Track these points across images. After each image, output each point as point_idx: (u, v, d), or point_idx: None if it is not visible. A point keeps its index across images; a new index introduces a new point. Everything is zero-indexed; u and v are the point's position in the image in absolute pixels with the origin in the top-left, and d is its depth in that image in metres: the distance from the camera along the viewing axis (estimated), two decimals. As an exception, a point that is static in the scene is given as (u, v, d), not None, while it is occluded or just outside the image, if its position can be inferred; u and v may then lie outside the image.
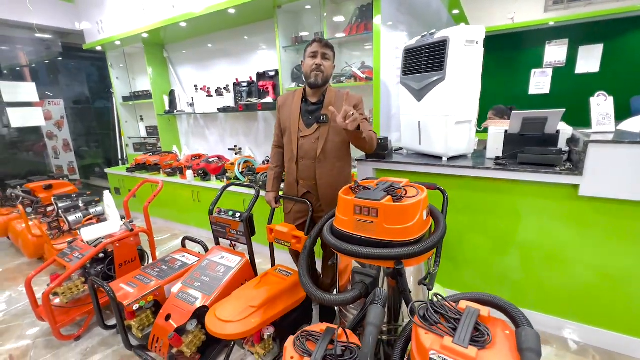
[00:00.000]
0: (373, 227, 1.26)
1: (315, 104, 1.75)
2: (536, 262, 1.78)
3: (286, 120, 1.81)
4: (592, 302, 1.67)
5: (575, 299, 1.71)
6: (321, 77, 1.67)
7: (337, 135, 1.71)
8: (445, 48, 1.73)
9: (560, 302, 1.76)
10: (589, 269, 1.63)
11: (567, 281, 1.71)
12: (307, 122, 1.75)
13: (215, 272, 1.84)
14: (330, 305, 1.43)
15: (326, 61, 1.68)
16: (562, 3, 4.11)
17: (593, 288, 1.65)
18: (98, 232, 2.09)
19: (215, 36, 3.39)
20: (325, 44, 1.67)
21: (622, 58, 3.80)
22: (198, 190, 3.19)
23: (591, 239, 1.59)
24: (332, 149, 1.72)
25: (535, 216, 1.72)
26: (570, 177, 1.52)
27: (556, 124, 1.67)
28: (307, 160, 1.75)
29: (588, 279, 1.64)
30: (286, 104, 1.83)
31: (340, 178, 1.77)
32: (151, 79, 3.75)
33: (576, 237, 1.62)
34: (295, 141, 1.76)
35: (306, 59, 1.70)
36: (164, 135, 3.96)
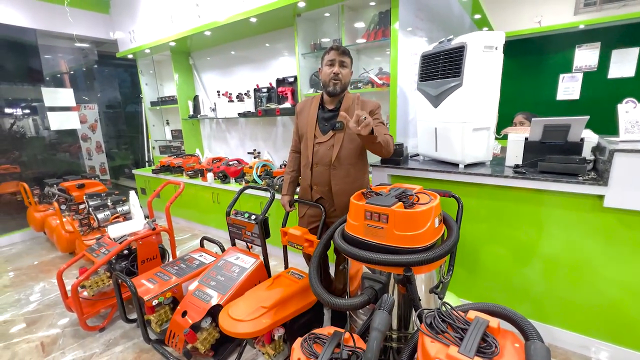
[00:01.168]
0: (383, 232, 1.27)
1: (331, 111, 1.76)
2: (558, 275, 1.70)
3: (303, 127, 1.84)
4: (619, 320, 1.57)
5: (602, 316, 1.62)
6: (339, 85, 1.69)
7: (351, 142, 1.71)
8: (463, 54, 1.71)
9: (585, 319, 1.67)
10: (616, 284, 1.54)
11: (592, 297, 1.62)
12: (323, 129, 1.77)
13: (230, 272, 1.89)
14: (339, 310, 1.44)
15: (344, 69, 1.68)
16: (594, 5, 3.93)
17: (620, 305, 1.56)
18: (123, 229, 2.20)
19: (238, 44, 3.52)
20: (342, 52, 1.67)
21: (660, 62, 3.57)
22: (218, 192, 3.29)
23: (617, 253, 1.50)
24: (347, 155, 1.71)
25: (557, 227, 1.65)
26: (595, 187, 1.45)
27: (580, 132, 1.60)
28: (322, 166, 1.76)
29: (615, 295, 1.56)
30: (304, 110, 1.86)
31: (355, 185, 1.76)
32: (177, 85, 3.93)
33: (601, 250, 1.54)
34: (310, 147, 1.78)
35: (324, 67, 1.71)
36: (187, 139, 4.13)
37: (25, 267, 3.13)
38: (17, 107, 4.12)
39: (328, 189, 1.79)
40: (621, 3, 3.81)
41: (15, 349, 2.01)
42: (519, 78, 4.25)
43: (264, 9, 2.50)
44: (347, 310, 1.36)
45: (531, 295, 1.81)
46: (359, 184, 1.79)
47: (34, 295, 2.59)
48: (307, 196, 1.89)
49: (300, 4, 2.36)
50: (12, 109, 4.08)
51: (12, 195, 3.93)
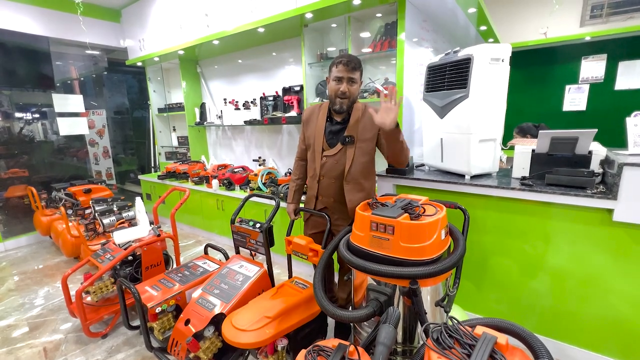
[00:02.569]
0: (389, 244, 1.26)
1: (339, 123, 1.73)
2: (566, 289, 1.67)
3: (310, 137, 1.82)
4: (630, 336, 1.54)
5: (612, 333, 1.58)
6: (346, 104, 1.65)
7: (363, 155, 1.69)
8: (469, 66, 1.72)
9: (595, 335, 1.63)
10: (625, 299, 1.51)
11: (601, 312, 1.59)
12: (331, 142, 1.74)
13: (234, 280, 1.89)
14: (343, 321, 1.42)
15: (352, 85, 1.62)
16: (601, 17, 3.94)
17: (631, 321, 1.52)
18: (129, 235, 2.21)
19: (245, 52, 3.57)
20: (353, 68, 1.59)
21: (668, 74, 3.56)
22: (222, 199, 3.31)
23: (627, 268, 1.48)
24: (359, 169, 1.70)
25: (565, 240, 1.63)
26: (604, 201, 1.44)
27: (588, 145, 1.59)
28: (328, 179, 1.76)
29: (624, 310, 1.52)
30: (311, 119, 1.83)
31: (368, 197, 1.72)
32: (185, 92, 3.99)
33: (610, 265, 1.52)
34: (318, 160, 1.77)
35: (331, 80, 1.66)
36: (193, 145, 4.17)
37: (31, 271, 3.15)
38: (27, 112, 4.20)
39: (333, 201, 1.80)
40: (627, 15, 3.82)
41: (18, 354, 2.01)
42: (525, 89, 4.25)
43: (272, 20, 2.54)
44: (351, 322, 1.34)
45: (538, 309, 1.78)
46: (366, 193, 1.77)
47: (38, 300, 2.60)
48: (311, 205, 1.89)
49: (307, 15, 2.40)
50: (22, 114, 4.16)
51: (19, 198, 3.97)
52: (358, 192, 1.72)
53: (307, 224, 1.99)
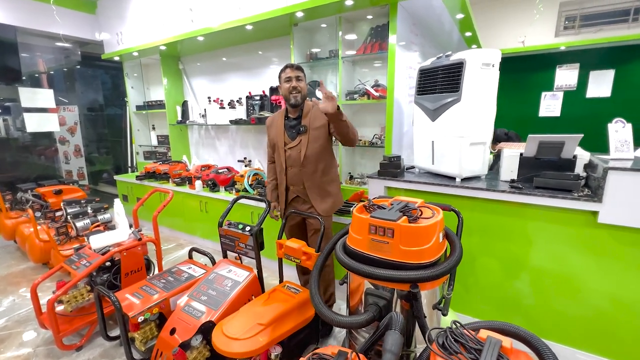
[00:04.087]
0: (388, 247, 1.24)
1: (295, 119, 1.98)
2: (550, 289, 1.72)
3: (274, 138, 2.03)
4: (607, 333, 1.60)
5: (591, 329, 1.65)
6: (300, 96, 1.91)
7: (315, 141, 1.91)
8: (462, 70, 1.74)
9: (575, 332, 1.69)
10: (606, 297, 1.58)
11: (583, 310, 1.65)
12: (291, 136, 1.97)
13: (222, 286, 1.81)
14: (342, 328, 1.39)
15: (300, 82, 1.91)
16: (573, 28, 4.16)
17: (609, 318, 1.59)
18: (106, 240, 2.08)
19: (230, 50, 3.47)
20: (296, 68, 1.91)
21: (633, 84, 3.80)
22: (206, 200, 3.19)
23: (609, 268, 1.54)
24: (313, 153, 1.91)
25: (551, 241, 1.68)
26: (590, 203, 1.49)
27: (573, 149, 1.65)
28: (295, 168, 1.96)
29: (604, 308, 1.59)
30: (273, 123, 2.06)
31: (324, 178, 1.98)
32: (166, 89, 3.83)
33: (593, 265, 1.58)
34: (282, 154, 1.98)
35: (282, 83, 1.93)
36: (174, 145, 4.00)
37: (-8, 278, 2.90)
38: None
39: (302, 187, 1.97)
40: (597, 28, 4.05)
41: (-20, 371, 1.83)
42: (504, 95, 4.39)
43: (262, 17, 2.48)
44: (351, 328, 1.31)
45: (523, 308, 1.82)
46: (329, 177, 2.00)
47: (2, 311, 2.38)
48: (282, 198, 2.06)
49: (298, 14, 2.36)
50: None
51: (-21, 200, 3.66)
52: (312, 173, 1.94)
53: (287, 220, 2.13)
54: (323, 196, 1.97)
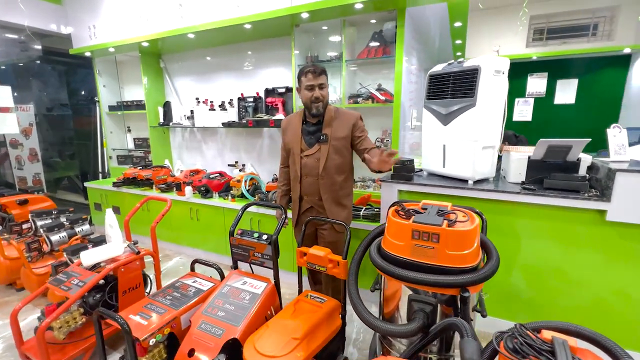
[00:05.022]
0: (433, 252, 1.24)
1: (315, 125, 1.85)
2: (560, 285, 1.83)
3: (290, 142, 1.91)
4: (615, 327, 1.73)
5: (600, 324, 1.77)
6: (321, 107, 1.79)
7: (336, 153, 1.81)
8: (477, 76, 1.80)
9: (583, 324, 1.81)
10: (614, 292, 1.70)
11: (591, 305, 1.77)
12: (309, 142, 1.85)
13: (239, 299, 1.70)
14: (393, 336, 1.36)
15: (323, 89, 1.77)
16: (541, 40, 4.52)
17: (617, 313, 1.72)
18: (99, 255, 1.87)
19: (220, 50, 3.31)
20: (319, 74, 1.75)
21: (594, 93, 4.21)
22: (197, 208, 3.00)
23: (617, 263, 1.67)
24: (333, 165, 1.81)
25: (560, 239, 1.78)
26: (599, 202, 1.60)
27: (578, 152, 1.77)
28: (310, 177, 1.85)
29: (612, 302, 1.71)
30: (290, 126, 1.93)
31: (341, 192, 1.88)
32: (146, 88, 3.56)
33: (602, 261, 1.70)
34: (298, 161, 1.86)
35: (303, 90, 1.79)
36: (155, 148, 3.73)
37: (-56, 305, 2.48)
38: None
39: (318, 198, 1.87)
40: (562, 40, 4.44)
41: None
42: (481, 100, 4.67)
43: (263, 17, 2.39)
44: (402, 338, 1.28)
45: (533, 306, 1.91)
46: (346, 191, 1.91)
47: (-36, 342, 2.05)
48: (296, 207, 1.96)
49: (303, 15, 2.31)
50: None
51: None
52: (330, 186, 1.83)
53: (297, 228, 2.03)
54: (339, 209, 1.88)
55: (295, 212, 1.96)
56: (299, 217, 1.96)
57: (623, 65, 4.04)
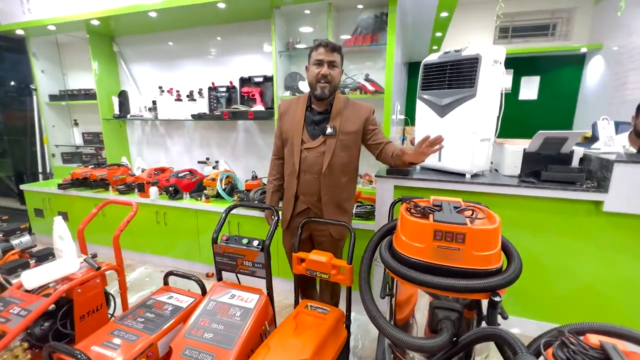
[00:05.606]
0: (459, 254, 1.12)
1: (321, 113, 1.60)
2: (557, 275, 1.84)
3: (288, 130, 1.64)
4: (606, 312, 1.78)
5: (591, 310, 1.81)
6: (328, 89, 1.52)
7: (344, 149, 1.58)
8: (477, 65, 1.73)
9: (580, 314, 1.84)
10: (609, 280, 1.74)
11: (587, 294, 1.80)
12: (312, 133, 1.60)
13: (228, 316, 1.47)
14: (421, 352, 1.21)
15: (334, 69, 1.52)
16: (506, 38, 4.71)
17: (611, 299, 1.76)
18: (48, 274, 1.52)
19: (187, 33, 2.96)
20: (332, 49, 1.50)
21: (554, 89, 4.48)
22: (165, 210, 2.66)
23: (613, 251, 1.70)
24: (339, 163, 1.58)
25: (556, 231, 1.79)
26: (596, 193, 1.61)
27: (573, 144, 1.78)
28: (310, 174, 1.60)
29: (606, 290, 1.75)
30: (289, 111, 1.66)
31: (343, 194, 1.66)
32: (96, 75, 3.08)
33: (598, 252, 1.72)
34: (297, 153, 1.60)
35: (311, 66, 1.55)
36: (110, 144, 3.27)
37: None
38: None
39: (317, 199, 1.64)
40: (525, 39, 4.66)
41: None
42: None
43: (240, -6, 2.13)
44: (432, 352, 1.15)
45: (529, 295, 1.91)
46: (349, 193, 1.70)
47: None
48: (289, 207, 1.69)
49: (287, -6, 2.09)
50: None
51: None
52: (333, 187, 1.61)
53: (287, 233, 1.78)
54: (339, 213, 1.65)
55: (288, 213, 1.70)
56: (291, 219, 1.71)
57: (579, 64, 4.33)
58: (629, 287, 1.71)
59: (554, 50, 4.34)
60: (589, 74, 4.23)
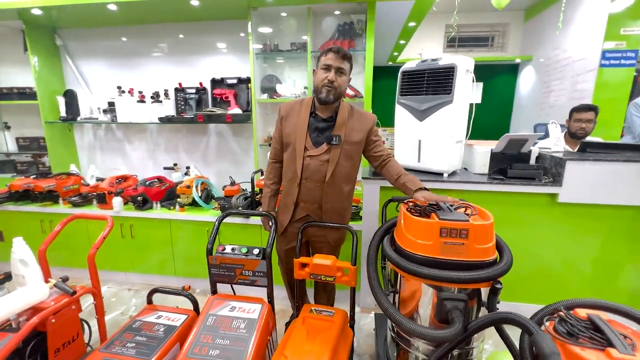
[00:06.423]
0: (464, 249, 1.23)
1: (326, 121, 1.58)
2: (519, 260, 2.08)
3: (290, 135, 1.60)
4: (562, 288, 2.07)
5: (549, 287, 2.09)
6: (333, 94, 1.50)
7: (348, 159, 1.58)
8: (453, 74, 1.89)
9: (539, 292, 2.11)
10: (563, 260, 2.02)
11: (545, 273, 2.07)
12: (316, 140, 1.57)
13: (233, 329, 1.42)
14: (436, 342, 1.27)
15: (341, 76, 1.51)
16: (453, 47, 5.16)
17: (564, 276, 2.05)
18: (14, 305, 1.30)
19: (148, 29, 2.73)
20: (342, 56, 1.49)
21: (494, 95, 5.03)
22: (132, 222, 2.43)
23: (566, 238, 1.98)
24: (342, 173, 1.59)
25: (519, 222, 2.03)
26: (553, 187, 1.87)
27: (531, 145, 2.04)
28: (312, 182, 1.58)
29: (560, 269, 2.04)
30: (291, 115, 1.62)
31: (345, 203, 1.69)
32: (36, 72, 2.69)
33: (553, 237, 2.00)
34: (300, 160, 1.56)
35: (319, 69, 1.53)
36: (54, 151, 2.87)
37: None
38: None
39: (318, 207, 1.63)
40: (469, 48, 5.16)
41: None
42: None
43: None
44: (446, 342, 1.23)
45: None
46: (349, 202, 1.72)
47: None
48: (287, 213, 1.66)
49: (267, -4, 2.06)
50: None
51: None
52: (337, 195, 1.62)
53: (282, 239, 1.75)
54: (339, 221, 1.66)
55: (286, 219, 1.66)
56: (289, 225, 1.67)
57: (514, 73, 4.93)
58: (579, 265, 2.01)
59: (493, 60, 4.88)
60: (522, 82, 4.84)
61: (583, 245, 1.99)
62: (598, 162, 1.81)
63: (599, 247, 1.98)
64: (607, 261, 1.99)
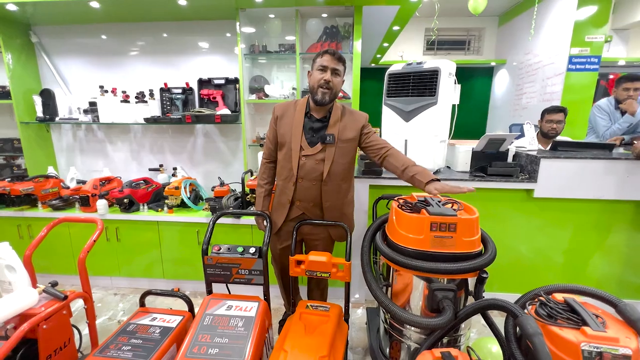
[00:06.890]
0: (452, 242, 1.31)
1: (320, 121, 1.62)
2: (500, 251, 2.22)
3: (285, 135, 1.62)
4: (537, 277, 2.22)
5: (525, 277, 2.23)
6: (329, 95, 1.55)
7: (343, 157, 1.62)
8: (437, 77, 1.99)
9: (516, 282, 2.25)
10: (536, 250, 2.17)
11: (520, 263, 2.21)
12: (310, 140, 1.61)
13: (231, 327, 1.43)
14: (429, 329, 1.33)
15: (336, 77, 1.55)
16: (433, 50, 5.34)
17: (538, 265, 2.20)
18: (2, 312, 1.26)
19: (129, 27, 2.67)
20: (338, 58, 1.54)
21: (471, 96, 5.26)
22: (117, 225, 2.37)
23: (539, 230, 2.13)
24: (339, 170, 1.63)
25: (498, 216, 2.16)
26: (529, 183, 2.01)
27: (509, 144, 2.17)
28: (308, 181, 1.62)
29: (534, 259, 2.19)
30: (286, 115, 1.65)
31: (345, 199, 1.72)
32: (10, 70, 2.57)
33: (528, 229, 2.14)
34: (295, 160, 1.60)
35: (314, 71, 1.57)
36: (31, 153, 2.75)
37: None
38: None
39: (313, 205, 1.67)
40: (447, 51, 5.35)
41: None
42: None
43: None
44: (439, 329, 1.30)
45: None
46: (349, 198, 1.76)
47: None
48: (282, 213, 1.69)
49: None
50: None
51: None
52: (336, 193, 1.66)
53: (276, 238, 1.77)
54: (340, 218, 1.68)
55: (281, 218, 1.69)
56: (284, 224, 1.70)
57: (489, 75, 5.17)
58: (552, 255, 2.17)
59: (469, 63, 5.11)
60: (497, 84, 5.08)
61: (556, 237, 2.14)
62: (569, 160, 1.96)
63: (569, 239, 2.14)
64: (577, 251, 2.16)
